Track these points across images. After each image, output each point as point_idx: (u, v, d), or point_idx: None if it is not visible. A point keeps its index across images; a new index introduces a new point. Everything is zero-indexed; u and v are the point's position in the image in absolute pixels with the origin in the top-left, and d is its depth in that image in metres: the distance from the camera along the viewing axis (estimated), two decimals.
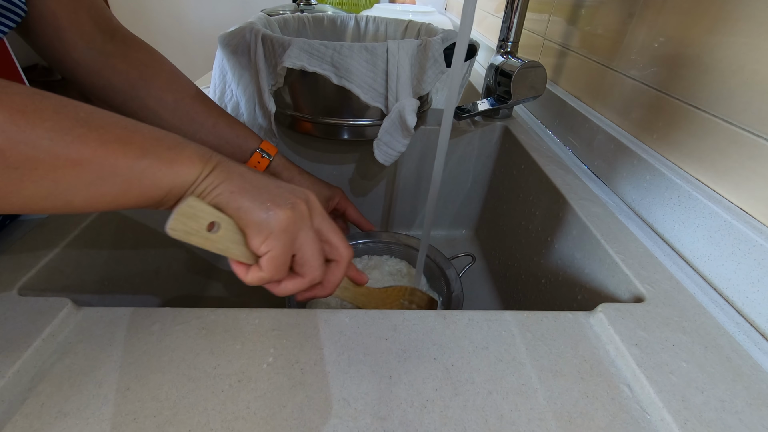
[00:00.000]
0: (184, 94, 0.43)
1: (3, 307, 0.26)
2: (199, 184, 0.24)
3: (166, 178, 0.23)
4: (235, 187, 0.24)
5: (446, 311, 0.28)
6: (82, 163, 0.20)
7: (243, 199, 0.24)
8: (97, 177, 0.21)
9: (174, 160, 0.23)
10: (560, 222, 0.43)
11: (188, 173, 0.23)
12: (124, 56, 0.41)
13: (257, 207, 0.24)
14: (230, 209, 0.24)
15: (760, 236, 0.29)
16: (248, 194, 0.24)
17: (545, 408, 0.22)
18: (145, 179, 0.22)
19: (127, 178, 0.22)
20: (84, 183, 0.21)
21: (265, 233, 0.24)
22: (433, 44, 0.46)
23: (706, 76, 0.35)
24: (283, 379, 0.23)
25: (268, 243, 0.24)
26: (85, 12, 0.38)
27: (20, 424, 0.21)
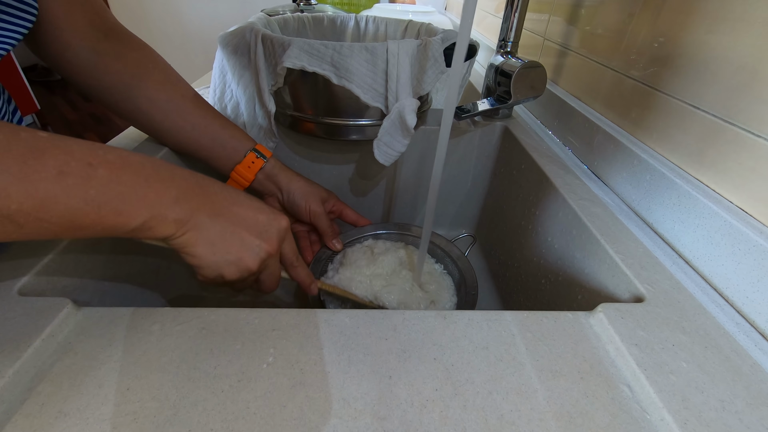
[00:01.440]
0: (176, 95, 0.43)
1: (3, 307, 0.26)
2: (168, 240, 0.29)
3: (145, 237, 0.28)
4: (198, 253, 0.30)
5: (446, 311, 0.28)
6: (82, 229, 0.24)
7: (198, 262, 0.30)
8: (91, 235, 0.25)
9: (154, 228, 0.27)
10: (560, 222, 0.43)
11: (162, 235, 0.28)
12: (117, 55, 0.40)
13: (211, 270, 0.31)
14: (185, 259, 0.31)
15: (760, 236, 0.29)
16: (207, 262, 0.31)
17: (545, 408, 0.22)
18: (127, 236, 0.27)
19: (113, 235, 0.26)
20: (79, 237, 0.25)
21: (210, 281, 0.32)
22: (433, 44, 0.46)
23: (705, 76, 0.35)
24: (283, 379, 0.23)
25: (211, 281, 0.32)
26: (78, 9, 0.38)
27: (20, 424, 0.21)
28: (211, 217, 0.30)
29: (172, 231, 0.28)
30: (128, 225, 0.26)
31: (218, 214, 0.30)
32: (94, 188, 0.24)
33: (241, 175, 0.46)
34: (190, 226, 0.29)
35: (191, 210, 0.29)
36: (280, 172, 0.48)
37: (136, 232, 0.26)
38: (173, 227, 0.28)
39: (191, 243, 0.29)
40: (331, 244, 0.50)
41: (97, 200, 0.24)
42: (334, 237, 0.50)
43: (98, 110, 2.71)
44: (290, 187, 0.48)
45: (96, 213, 0.24)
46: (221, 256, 0.31)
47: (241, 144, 0.46)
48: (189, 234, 0.29)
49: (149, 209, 0.26)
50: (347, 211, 0.53)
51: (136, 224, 0.26)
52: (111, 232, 0.25)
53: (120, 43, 0.41)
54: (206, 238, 0.30)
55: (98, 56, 0.39)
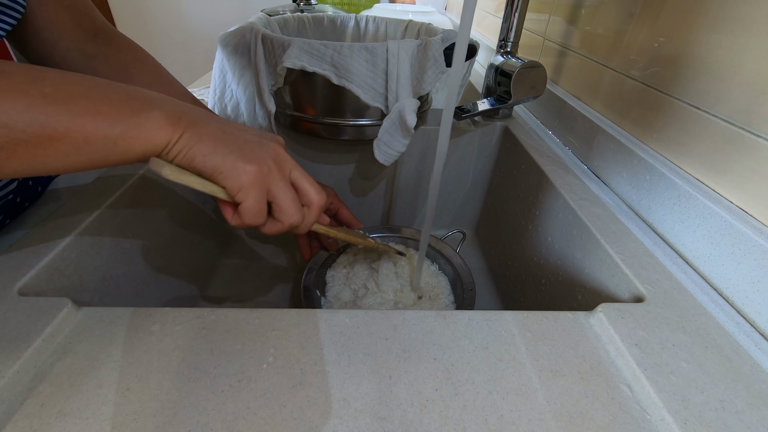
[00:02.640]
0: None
1: (3, 307, 0.26)
2: (171, 148, 0.25)
3: (138, 146, 0.24)
4: (207, 148, 0.26)
5: (446, 311, 0.28)
6: (58, 138, 0.22)
7: (214, 159, 0.26)
8: (74, 149, 0.22)
9: (142, 127, 0.24)
10: (560, 222, 0.43)
11: (158, 139, 0.25)
12: (105, 57, 0.40)
13: (228, 166, 0.26)
14: (205, 171, 0.26)
15: (760, 236, 0.29)
16: (219, 154, 0.26)
17: (545, 408, 0.22)
18: (119, 147, 0.24)
19: (101, 147, 0.23)
20: (63, 155, 0.22)
21: (237, 188, 0.27)
22: (433, 44, 0.46)
23: (706, 76, 0.35)
24: (283, 379, 0.23)
25: (240, 195, 0.27)
26: (65, 11, 0.37)
27: (20, 424, 0.21)
28: (204, 118, 0.27)
29: (166, 133, 0.25)
30: (111, 128, 0.23)
31: (209, 116, 0.28)
32: (49, 86, 0.22)
33: None
34: (186, 123, 0.26)
35: (177, 108, 0.26)
36: None
37: (125, 141, 0.23)
38: (166, 126, 0.25)
39: (195, 140, 0.26)
40: (327, 243, 0.50)
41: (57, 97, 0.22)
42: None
43: None
44: None
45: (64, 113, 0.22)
46: (231, 146, 0.27)
47: None
48: (188, 132, 0.26)
49: (125, 106, 0.24)
50: (343, 210, 0.53)
51: (121, 127, 0.23)
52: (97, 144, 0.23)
53: (108, 45, 0.40)
54: (208, 133, 0.26)
55: (86, 59, 0.39)
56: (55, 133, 0.21)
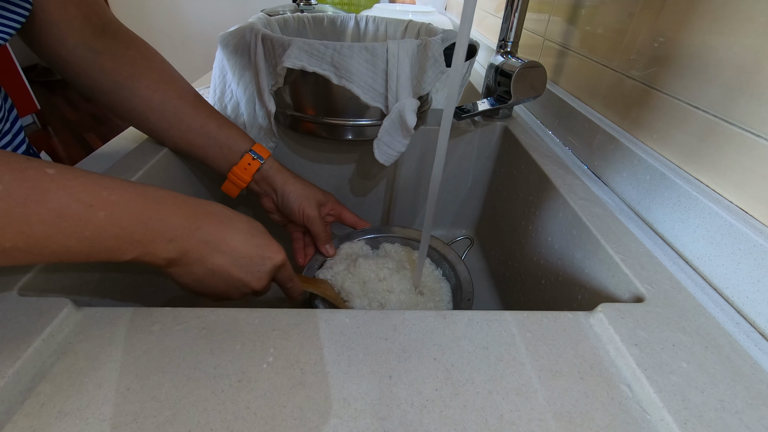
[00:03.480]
0: (172, 95, 0.43)
1: (3, 307, 0.26)
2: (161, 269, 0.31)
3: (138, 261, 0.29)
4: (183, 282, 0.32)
5: (446, 311, 0.28)
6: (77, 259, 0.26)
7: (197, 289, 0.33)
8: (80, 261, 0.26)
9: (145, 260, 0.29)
10: (560, 222, 0.43)
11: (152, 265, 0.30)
12: (113, 54, 0.40)
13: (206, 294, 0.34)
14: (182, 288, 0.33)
15: (760, 236, 0.29)
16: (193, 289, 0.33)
17: (545, 408, 0.22)
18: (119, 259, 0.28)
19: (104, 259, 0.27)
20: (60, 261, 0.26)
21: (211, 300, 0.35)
22: (433, 44, 0.46)
23: (706, 76, 0.35)
24: (283, 379, 0.23)
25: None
26: (74, 7, 0.37)
27: (20, 424, 0.21)
28: (200, 259, 0.31)
29: (161, 265, 0.30)
30: (119, 259, 0.27)
31: (211, 251, 0.32)
32: (90, 230, 0.24)
33: (238, 176, 0.46)
34: (180, 264, 0.31)
35: (183, 251, 0.30)
36: (276, 174, 0.47)
37: (125, 262, 0.28)
38: (163, 263, 0.30)
39: (178, 276, 0.32)
40: (324, 249, 0.49)
41: (91, 239, 0.25)
42: (327, 242, 0.49)
43: (98, 110, 2.71)
44: (285, 189, 0.47)
45: (88, 249, 0.25)
46: (207, 290, 0.33)
47: (237, 145, 0.45)
48: (179, 271, 0.31)
49: (142, 248, 0.28)
50: (346, 213, 0.53)
51: (127, 259, 0.28)
52: (106, 262, 0.28)
53: (116, 41, 0.40)
54: (193, 274, 0.32)
55: (94, 55, 0.39)
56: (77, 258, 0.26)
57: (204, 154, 0.45)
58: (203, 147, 0.45)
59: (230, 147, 0.45)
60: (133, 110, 0.42)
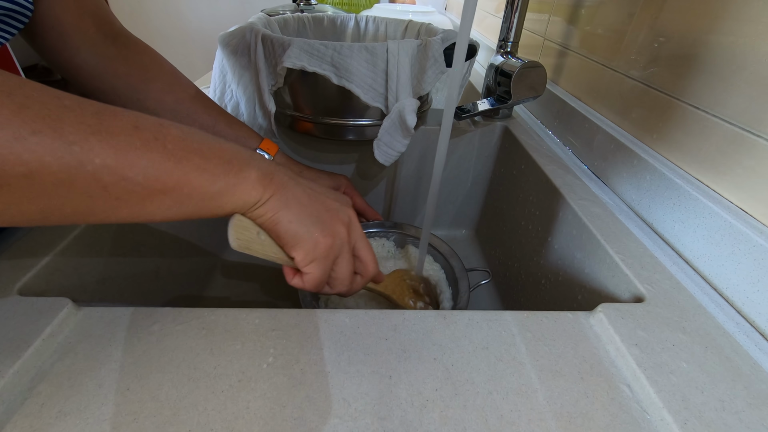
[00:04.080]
0: (183, 95, 0.44)
1: (3, 307, 0.26)
2: (258, 207, 0.26)
3: (232, 203, 0.25)
4: (292, 215, 0.27)
5: (446, 311, 0.28)
6: (167, 191, 0.23)
7: (297, 227, 0.27)
8: (177, 202, 0.23)
9: (239, 186, 0.25)
10: (560, 222, 0.43)
11: (249, 198, 0.26)
12: (125, 59, 0.41)
13: (306, 237, 0.28)
14: (285, 237, 0.27)
15: (760, 236, 0.29)
16: (302, 223, 0.27)
17: (545, 408, 0.22)
18: (214, 202, 0.25)
19: (200, 201, 0.24)
20: (166, 207, 0.23)
21: (310, 258, 0.28)
22: (433, 44, 0.46)
23: (706, 76, 0.35)
24: (283, 379, 0.23)
25: (310, 266, 0.28)
26: (89, 17, 0.39)
27: (20, 424, 0.21)
28: (292, 177, 0.28)
29: (258, 192, 0.26)
30: (213, 185, 0.24)
31: (296, 175, 0.29)
32: (171, 142, 0.23)
33: None
34: (275, 184, 0.27)
35: (271, 167, 0.27)
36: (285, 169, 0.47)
37: (221, 197, 0.25)
38: (258, 187, 0.26)
39: (282, 204, 0.27)
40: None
41: (175, 153, 0.23)
42: None
43: None
44: None
45: (179, 169, 0.23)
46: (314, 217, 0.28)
47: (247, 142, 0.46)
48: (278, 193, 0.27)
49: (229, 164, 0.25)
50: (357, 199, 0.53)
51: (221, 184, 0.24)
52: (198, 197, 0.24)
53: (127, 48, 0.42)
54: (295, 197, 0.28)
55: (107, 60, 0.40)
56: (166, 187, 0.22)
57: None
58: None
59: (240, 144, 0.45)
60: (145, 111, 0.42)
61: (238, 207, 0.26)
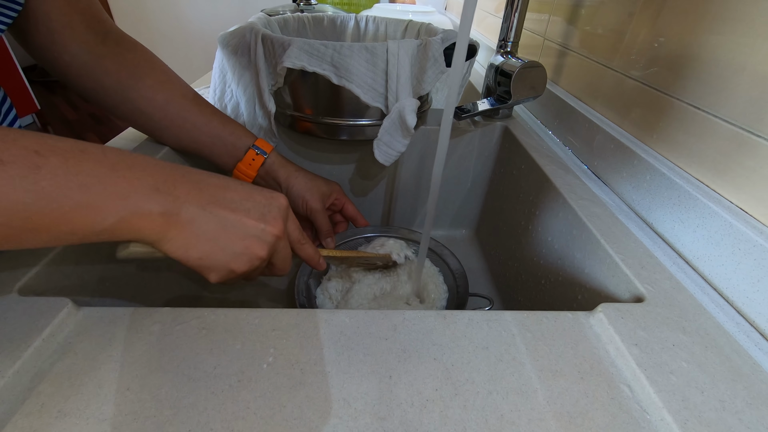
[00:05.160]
0: (175, 94, 0.43)
1: (3, 307, 0.26)
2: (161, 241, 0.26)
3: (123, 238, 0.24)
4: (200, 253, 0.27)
5: (446, 311, 0.28)
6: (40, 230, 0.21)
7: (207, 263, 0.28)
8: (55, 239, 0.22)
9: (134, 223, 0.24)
10: (560, 222, 0.43)
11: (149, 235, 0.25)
12: (115, 57, 0.40)
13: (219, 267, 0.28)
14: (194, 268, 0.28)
15: (760, 236, 0.29)
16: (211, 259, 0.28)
17: (545, 408, 0.22)
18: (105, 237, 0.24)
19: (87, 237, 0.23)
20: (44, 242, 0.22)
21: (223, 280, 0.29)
22: (433, 44, 0.46)
23: (706, 77, 0.35)
24: (283, 379, 0.23)
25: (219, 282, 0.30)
26: (78, 14, 0.38)
27: (20, 424, 0.21)
28: (204, 207, 0.27)
29: (160, 229, 0.24)
30: (101, 222, 0.22)
31: (210, 202, 0.27)
32: (46, 179, 0.20)
33: (243, 172, 0.46)
34: (182, 221, 0.25)
35: (177, 200, 0.25)
36: (280, 168, 0.47)
37: (115, 233, 0.23)
38: (160, 223, 0.24)
39: (189, 243, 0.26)
40: (325, 242, 0.50)
41: (52, 193, 0.20)
42: (329, 235, 0.50)
43: (98, 110, 2.71)
44: (289, 183, 0.47)
45: (56, 209, 0.21)
46: (228, 251, 0.27)
47: (241, 141, 0.46)
48: (184, 232, 0.26)
49: (123, 200, 0.23)
50: (348, 206, 0.53)
51: (112, 220, 0.22)
52: (83, 233, 0.22)
53: (118, 46, 0.41)
54: (205, 233, 0.26)
55: (96, 58, 0.39)
56: (38, 226, 0.21)
57: (209, 151, 0.46)
58: (208, 144, 0.45)
59: (234, 143, 0.45)
60: (136, 110, 0.42)
61: (136, 240, 0.25)
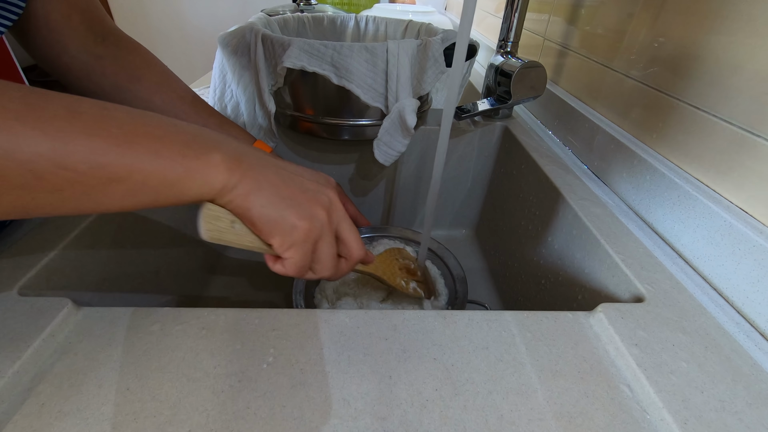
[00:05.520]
0: (173, 96, 0.43)
1: (3, 307, 0.26)
2: (227, 193, 0.24)
3: (194, 189, 0.23)
4: (264, 198, 0.25)
5: (446, 311, 0.28)
6: (117, 180, 0.21)
7: (271, 211, 0.25)
8: (130, 191, 0.21)
9: (201, 171, 0.23)
10: (560, 222, 0.43)
11: (214, 183, 0.24)
12: (114, 59, 0.40)
13: (281, 222, 0.25)
14: (259, 223, 0.25)
15: (760, 236, 0.29)
16: (276, 207, 0.25)
17: (545, 408, 0.22)
18: (174, 189, 0.23)
19: (157, 189, 0.22)
20: (119, 196, 0.21)
21: (288, 243, 0.26)
22: (433, 44, 0.46)
23: (706, 77, 0.35)
24: (283, 379, 0.23)
25: (290, 251, 0.26)
26: (78, 14, 0.38)
27: (20, 424, 0.21)
28: (263, 162, 0.26)
29: (224, 177, 0.24)
30: (170, 171, 0.22)
31: (267, 160, 0.27)
32: (115, 126, 0.21)
33: None
34: (244, 168, 0.25)
35: (236, 151, 0.25)
36: None
37: (182, 183, 0.23)
38: (224, 171, 0.24)
39: (252, 188, 0.25)
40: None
41: (123, 138, 0.21)
42: None
43: None
44: None
45: (128, 155, 0.21)
46: (288, 201, 0.26)
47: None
48: (246, 178, 0.24)
49: (188, 148, 0.23)
50: (348, 205, 0.52)
51: (180, 169, 0.22)
52: (153, 185, 0.22)
53: (117, 47, 0.41)
54: (266, 179, 0.25)
55: (95, 59, 0.39)
56: (115, 175, 0.21)
57: None
58: None
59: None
60: None
61: (204, 193, 0.24)
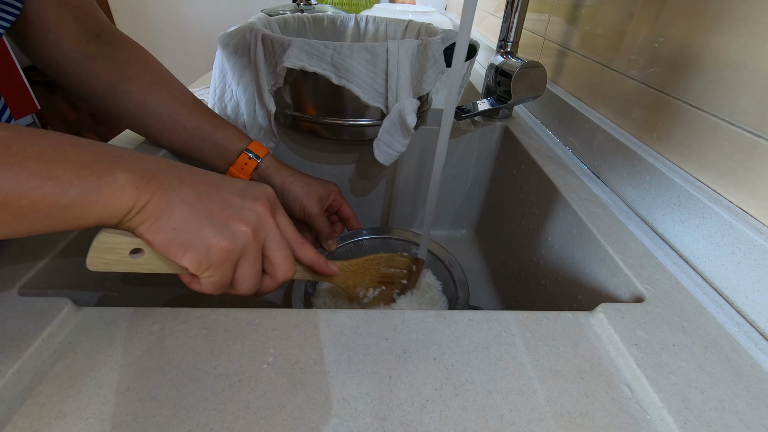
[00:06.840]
0: (166, 96, 0.43)
1: (3, 307, 0.26)
2: (132, 216, 0.23)
3: (94, 214, 0.22)
4: (174, 221, 0.23)
5: (446, 311, 0.28)
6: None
7: (180, 236, 0.24)
8: (15, 217, 0.20)
9: (102, 193, 0.21)
10: (560, 222, 0.43)
11: (118, 205, 0.22)
12: (107, 58, 0.40)
13: (195, 243, 0.24)
14: (167, 248, 0.24)
15: (760, 236, 0.29)
16: (186, 229, 0.24)
17: (545, 408, 0.22)
18: (69, 214, 0.21)
19: (49, 215, 0.20)
20: (2, 223, 0.20)
21: (204, 266, 0.25)
22: (433, 44, 0.46)
23: (706, 77, 0.35)
24: (283, 379, 0.23)
25: (207, 272, 0.25)
26: (70, 13, 0.38)
27: (20, 424, 0.21)
28: (179, 179, 0.24)
29: (130, 199, 0.22)
30: (64, 195, 0.20)
31: (187, 175, 0.25)
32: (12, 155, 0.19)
33: (235, 176, 0.45)
34: (154, 187, 0.23)
35: (147, 170, 0.23)
36: (275, 173, 0.46)
37: (79, 208, 0.21)
38: (130, 192, 0.22)
39: (162, 209, 0.23)
40: (326, 244, 0.49)
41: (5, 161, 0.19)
42: (330, 237, 0.49)
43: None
44: (284, 187, 0.46)
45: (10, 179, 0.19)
46: (205, 221, 0.24)
47: (233, 144, 0.45)
48: (156, 199, 0.23)
49: (87, 168, 0.21)
50: (344, 207, 0.52)
51: (76, 192, 0.20)
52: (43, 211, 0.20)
53: (110, 46, 0.41)
54: (180, 199, 0.24)
55: (88, 59, 0.39)
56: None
57: (201, 155, 0.45)
58: (199, 148, 0.45)
59: (226, 147, 0.45)
60: (128, 113, 0.42)
61: (106, 217, 0.22)
